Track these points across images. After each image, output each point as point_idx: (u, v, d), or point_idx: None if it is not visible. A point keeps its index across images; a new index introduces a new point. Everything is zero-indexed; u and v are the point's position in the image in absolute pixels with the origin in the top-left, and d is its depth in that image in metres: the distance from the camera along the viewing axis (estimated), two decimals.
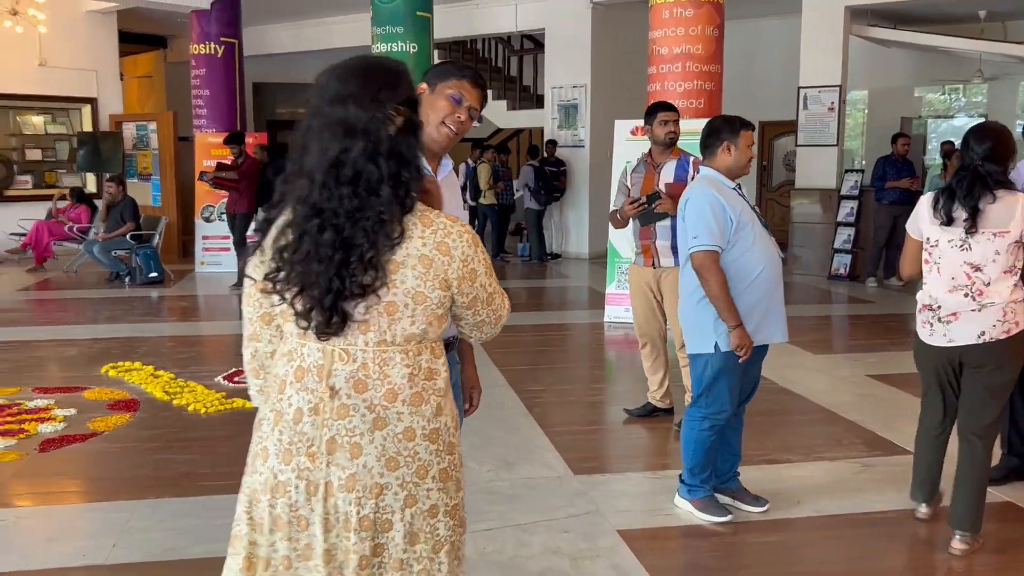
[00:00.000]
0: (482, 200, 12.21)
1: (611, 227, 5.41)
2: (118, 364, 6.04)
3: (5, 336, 7.14)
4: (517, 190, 12.44)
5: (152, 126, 12.85)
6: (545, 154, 12.31)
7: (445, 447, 1.80)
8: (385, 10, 9.33)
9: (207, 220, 11.30)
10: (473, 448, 4.37)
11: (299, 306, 1.68)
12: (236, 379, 5.68)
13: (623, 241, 7.92)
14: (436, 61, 10.07)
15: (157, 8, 11.90)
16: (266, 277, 1.73)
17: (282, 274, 1.70)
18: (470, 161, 12.41)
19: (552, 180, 12.20)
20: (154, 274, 9.98)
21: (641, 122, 7.64)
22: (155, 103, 15.70)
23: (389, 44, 9.32)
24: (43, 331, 7.39)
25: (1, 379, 5.71)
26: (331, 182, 1.66)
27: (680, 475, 3.65)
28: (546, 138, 12.77)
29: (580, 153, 12.39)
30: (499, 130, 15.12)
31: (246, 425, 1.79)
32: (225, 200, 10.07)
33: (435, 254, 1.70)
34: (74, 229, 11.03)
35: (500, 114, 13.83)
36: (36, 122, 13.11)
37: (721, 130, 3.50)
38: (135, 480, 3.96)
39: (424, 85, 2.30)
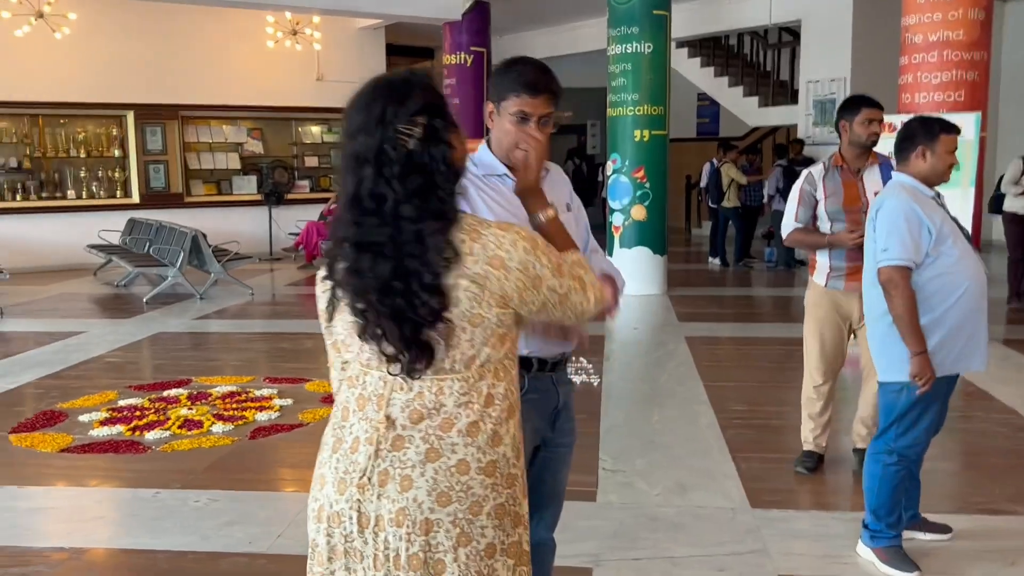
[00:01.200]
0: (724, 203, 11.72)
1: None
2: None
3: (262, 328, 7.89)
4: (768, 192, 11.80)
5: None
6: (792, 154, 11.56)
7: (503, 480, 1.68)
8: (621, 10, 9.20)
9: None
10: (651, 466, 4.18)
11: (388, 349, 1.62)
12: None
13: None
14: (673, 59, 9.78)
15: (415, 22, 12.59)
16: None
17: (359, 318, 1.65)
18: (714, 161, 11.96)
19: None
20: None
21: (897, 119, 6.96)
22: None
23: (624, 45, 9.18)
24: (296, 324, 8.07)
25: (242, 367, 6.30)
26: (357, 216, 1.61)
27: (864, 520, 3.22)
28: (800, 135, 12.01)
29: (833, 150, 11.49)
30: (754, 129, 14.46)
31: None
32: None
33: (488, 270, 1.60)
34: None
35: (751, 111, 13.21)
36: (314, 131, 14.42)
37: (916, 134, 3.05)
38: None
39: (490, 105, 2.16)
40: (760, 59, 14.32)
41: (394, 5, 11.39)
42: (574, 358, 6.44)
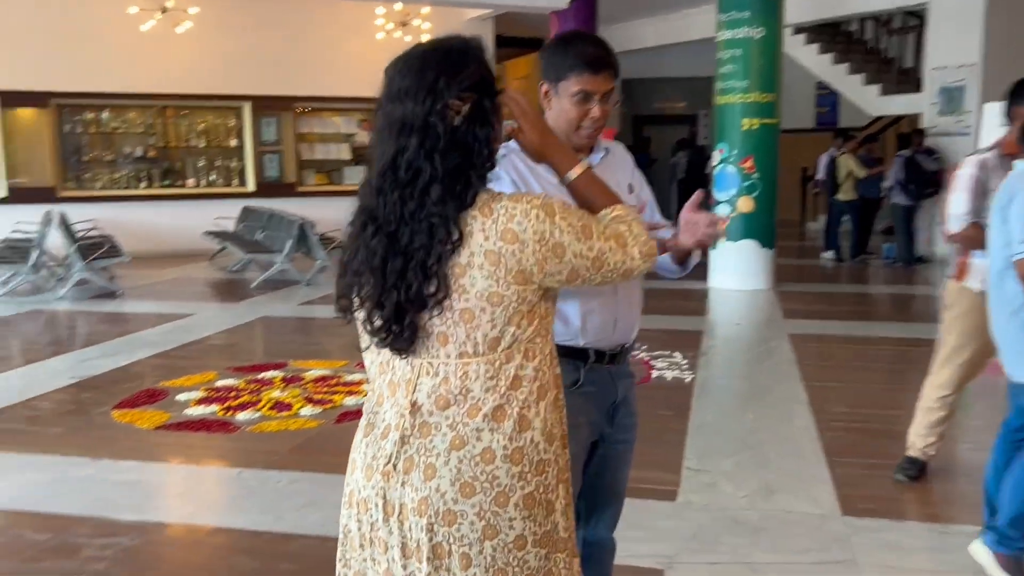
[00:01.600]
0: (840, 195, 11.21)
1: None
2: None
3: None
4: (888, 185, 11.22)
5: (512, 123, 13.61)
6: (915, 144, 10.93)
7: (532, 468, 1.58)
8: None
9: None
10: (738, 467, 3.99)
11: (376, 321, 1.58)
12: None
13: None
14: (789, 46, 9.38)
15: (523, 11, 12.53)
16: (342, 295, 1.65)
17: (355, 289, 1.62)
18: (833, 151, 11.45)
19: (926, 172, 10.79)
20: None
21: None
22: (534, 102, 16.65)
23: (733, 31, 8.88)
24: None
25: (337, 352, 6.38)
26: (386, 186, 1.54)
27: (990, 524, 2.96)
28: (925, 125, 11.37)
29: (962, 143, 10.82)
30: (876, 119, 13.78)
31: None
32: None
33: (501, 245, 1.50)
34: None
35: (872, 100, 12.58)
36: None
37: None
38: None
39: (545, 86, 2.04)
40: (882, 45, 13.63)
41: None
42: (670, 352, 6.29)
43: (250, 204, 12.22)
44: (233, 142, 13.35)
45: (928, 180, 10.74)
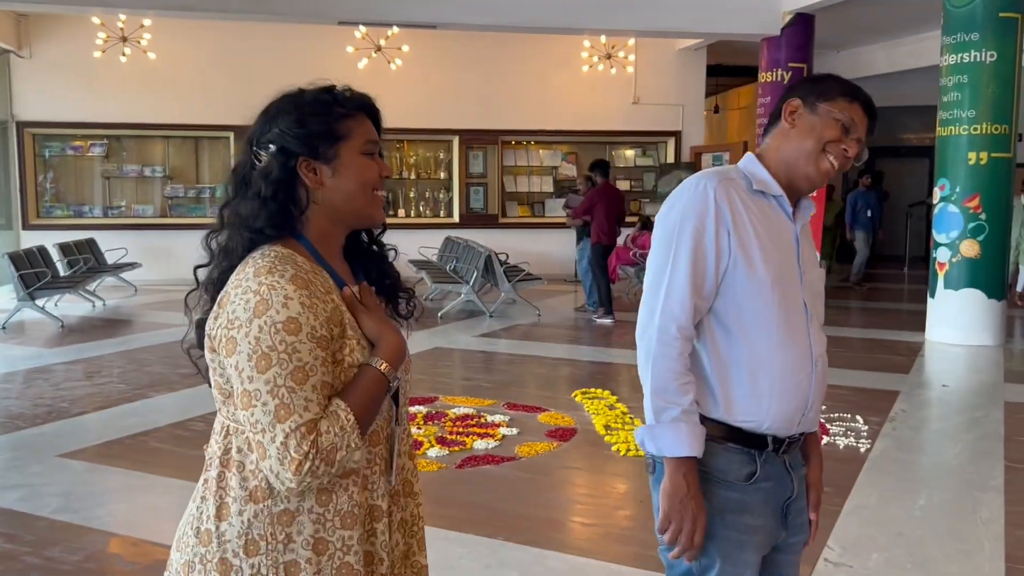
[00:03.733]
0: None
1: None
2: (589, 390, 6.14)
3: (530, 350, 7.85)
4: None
5: (726, 156, 13.05)
6: None
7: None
8: (958, 15, 7.94)
9: None
10: (887, 565, 3.39)
11: None
12: None
13: None
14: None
15: (731, 39, 11.98)
16: None
17: None
18: None
19: None
20: None
21: None
22: (751, 133, 15.95)
23: (959, 55, 7.90)
24: (563, 348, 7.94)
25: (492, 390, 6.23)
26: None
27: None
28: None
29: None
30: None
31: (643, 479, 1.45)
32: None
33: (215, 302, 1.40)
34: (637, 255, 11.72)
35: None
36: (627, 155, 14.31)
37: None
38: (501, 516, 3.91)
39: (796, 101, 1.79)
40: None
41: (707, 23, 10.90)
42: (851, 415, 5.57)
43: (451, 234, 12.50)
44: (442, 174, 13.76)
45: None
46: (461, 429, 5.21)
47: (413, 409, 5.65)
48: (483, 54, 12.97)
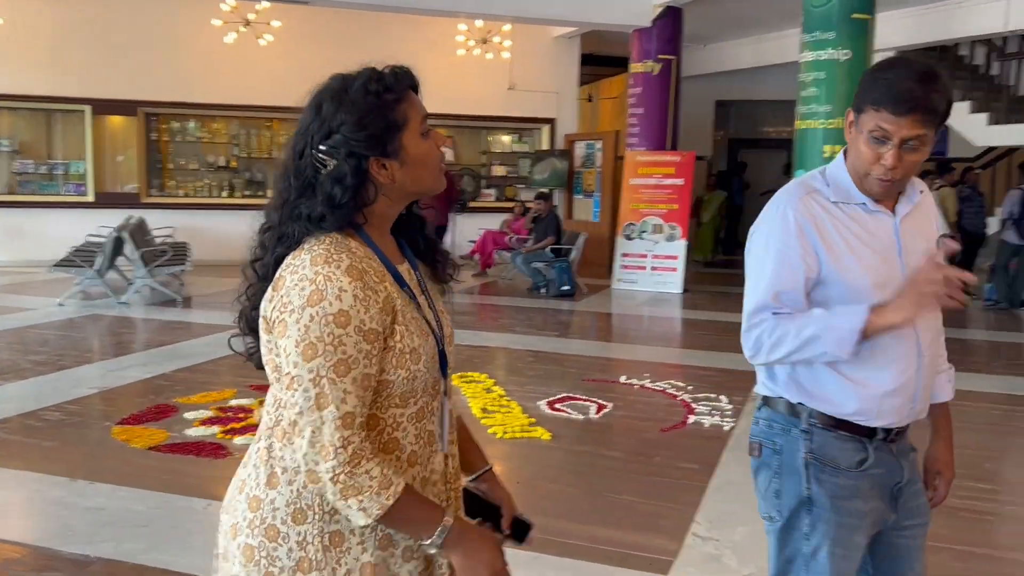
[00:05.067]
0: None
1: None
2: (467, 373, 6.15)
3: None
4: (1002, 218, 10.33)
5: (599, 145, 13.29)
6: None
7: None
8: (816, 14, 8.34)
9: (628, 238, 11.30)
10: (751, 539, 3.55)
11: None
12: (557, 406, 5.43)
13: None
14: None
15: (605, 30, 12.19)
16: None
17: None
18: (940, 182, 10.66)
19: None
20: (566, 287, 10.23)
21: None
22: (622, 123, 16.30)
23: (817, 52, 8.31)
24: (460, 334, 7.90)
25: None
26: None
27: None
28: None
29: None
30: (990, 149, 12.81)
31: (519, 460, 1.41)
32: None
33: (272, 284, 1.41)
34: (512, 240, 11.81)
35: (977, 129, 11.67)
36: (504, 140, 14.38)
37: None
38: None
39: (850, 112, 1.78)
40: (994, 72, 12.66)
41: (582, 12, 11.05)
42: (716, 395, 5.80)
43: None
44: None
45: None
46: None
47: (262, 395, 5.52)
48: (357, 34, 12.70)
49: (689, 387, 6.00)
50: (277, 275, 1.38)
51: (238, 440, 4.62)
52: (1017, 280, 9.98)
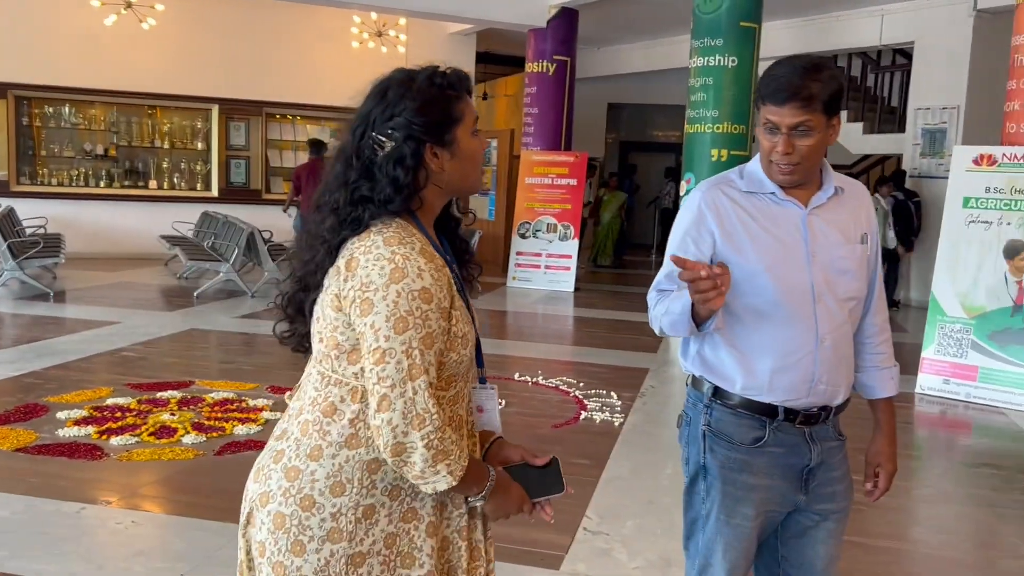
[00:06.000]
0: None
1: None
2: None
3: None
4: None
5: (494, 143, 13.30)
6: (894, 184, 10.58)
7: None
8: (705, 20, 8.56)
9: (522, 236, 11.36)
10: (639, 532, 3.58)
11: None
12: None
13: (950, 295, 6.43)
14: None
15: (500, 28, 12.22)
16: None
17: None
18: None
19: (906, 215, 10.43)
20: None
21: (999, 151, 6.11)
22: (517, 121, 16.36)
23: (706, 58, 8.54)
24: None
25: (254, 373, 5.97)
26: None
27: None
28: (906, 166, 11.04)
29: (941, 185, 10.47)
30: (864, 157, 13.44)
31: None
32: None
33: (341, 264, 1.48)
34: None
35: (854, 138, 12.25)
36: None
37: None
38: None
39: (758, 104, 1.89)
40: (871, 83, 13.32)
41: (476, 9, 11.04)
42: (607, 391, 5.89)
43: (210, 209, 11.84)
44: (199, 145, 12.99)
45: (905, 224, 10.40)
46: (220, 414, 4.95)
47: (167, 394, 5.31)
48: (246, 20, 12.36)
49: (581, 384, 6.07)
50: (349, 256, 1.46)
51: (115, 441, 4.41)
52: (887, 282, 10.52)
